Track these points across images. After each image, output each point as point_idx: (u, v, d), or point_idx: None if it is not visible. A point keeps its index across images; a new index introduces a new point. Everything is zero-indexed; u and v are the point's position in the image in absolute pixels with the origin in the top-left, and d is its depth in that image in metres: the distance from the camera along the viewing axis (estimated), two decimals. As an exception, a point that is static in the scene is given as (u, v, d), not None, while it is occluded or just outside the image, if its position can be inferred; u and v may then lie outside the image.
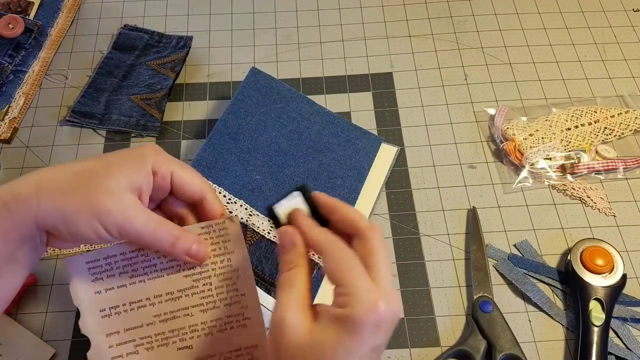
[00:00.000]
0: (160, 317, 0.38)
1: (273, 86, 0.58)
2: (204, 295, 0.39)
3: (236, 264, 0.39)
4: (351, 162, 0.55)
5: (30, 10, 0.68)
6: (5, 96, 0.62)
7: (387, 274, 0.33)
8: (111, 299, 0.38)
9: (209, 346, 0.39)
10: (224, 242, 0.39)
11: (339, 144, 0.56)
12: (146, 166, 0.37)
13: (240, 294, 0.39)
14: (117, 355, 0.38)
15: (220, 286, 0.39)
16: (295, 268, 0.34)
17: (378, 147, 0.57)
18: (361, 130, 0.57)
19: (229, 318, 0.39)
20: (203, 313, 0.39)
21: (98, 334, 0.38)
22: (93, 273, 0.38)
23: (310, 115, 0.57)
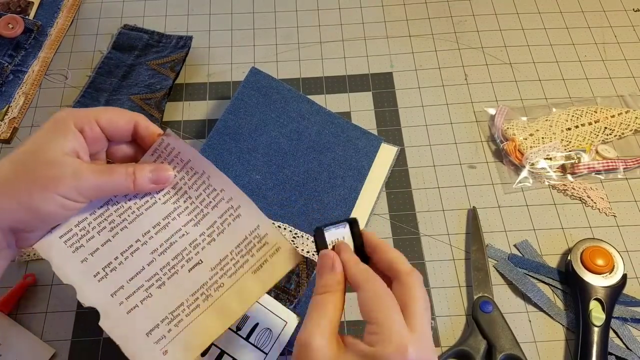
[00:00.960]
0: (157, 251, 0.38)
1: (273, 86, 0.58)
2: (190, 209, 0.38)
3: (199, 168, 0.38)
4: (351, 162, 0.55)
5: (30, 10, 0.68)
6: (5, 96, 0.62)
7: (424, 322, 0.32)
8: (101, 260, 0.37)
9: (217, 252, 0.38)
10: (176, 155, 0.38)
11: (339, 143, 0.56)
12: (69, 127, 0.36)
13: (219, 190, 0.38)
14: (131, 307, 0.37)
15: (199, 194, 0.38)
16: (330, 293, 0.34)
17: (378, 147, 0.57)
18: (361, 130, 0.57)
19: (222, 217, 0.38)
20: (196, 226, 0.38)
21: (102, 299, 0.37)
22: (71, 244, 0.37)
23: (310, 115, 0.57)
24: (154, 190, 0.38)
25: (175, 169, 0.39)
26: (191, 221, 0.39)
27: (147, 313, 0.37)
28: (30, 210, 0.34)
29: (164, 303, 0.37)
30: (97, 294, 0.37)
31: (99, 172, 0.36)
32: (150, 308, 0.37)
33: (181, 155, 0.38)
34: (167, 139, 0.38)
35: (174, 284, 0.38)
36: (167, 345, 0.37)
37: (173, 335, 0.37)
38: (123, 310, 0.37)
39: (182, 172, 0.39)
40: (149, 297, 0.37)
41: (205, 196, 0.39)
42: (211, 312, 0.37)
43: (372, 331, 0.32)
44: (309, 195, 0.53)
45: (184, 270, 0.38)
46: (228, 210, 0.39)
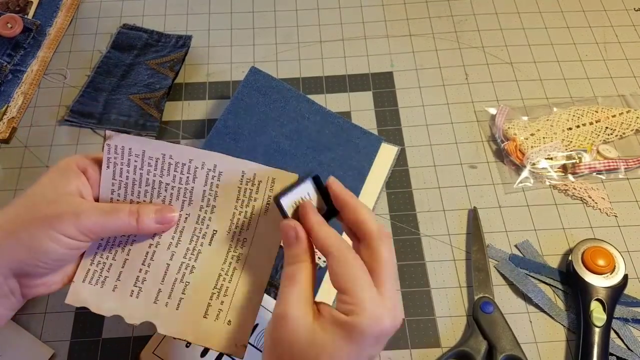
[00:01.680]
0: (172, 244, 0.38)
1: (273, 86, 0.58)
2: (175, 194, 0.38)
3: (158, 153, 0.37)
4: (351, 162, 0.55)
5: (29, 10, 0.68)
6: (3, 96, 0.62)
7: (392, 285, 0.33)
8: (129, 279, 0.38)
9: (223, 215, 0.38)
10: (130, 154, 0.38)
11: (339, 143, 0.56)
12: (72, 168, 0.36)
13: (187, 162, 0.37)
14: (176, 303, 0.37)
15: (174, 176, 0.38)
16: (299, 263, 0.34)
17: (378, 147, 0.57)
18: (361, 129, 0.57)
19: (207, 183, 0.38)
20: (191, 204, 0.38)
21: (147, 310, 0.37)
22: (96, 282, 0.38)
23: (310, 114, 0.57)
24: (159, 231, 0.38)
25: (135, 166, 0.37)
26: (184, 202, 0.38)
27: (193, 300, 0.37)
28: (31, 249, 0.34)
29: (204, 283, 0.37)
30: (141, 309, 0.37)
31: (102, 211, 0.36)
32: (193, 294, 0.37)
33: (134, 150, 0.37)
34: (113, 141, 0.37)
35: (203, 263, 0.38)
36: (227, 316, 0.37)
37: (227, 305, 0.37)
38: (172, 309, 0.37)
39: (145, 166, 0.38)
40: (188, 285, 0.37)
41: (179, 175, 0.38)
42: (247, 269, 0.38)
43: (345, 301, 0.32)
44: None
45: (205, 246, 0.38)
46: (208, 174, 0.38)
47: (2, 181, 0.58)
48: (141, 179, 0.38)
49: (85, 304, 0.37)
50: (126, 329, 0.50)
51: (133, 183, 0.38)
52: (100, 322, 0.50)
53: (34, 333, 0.49)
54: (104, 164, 0.37)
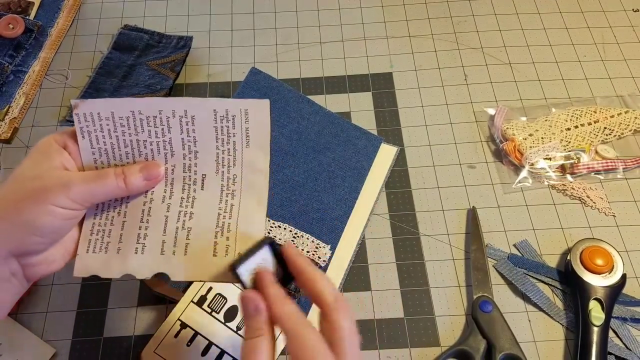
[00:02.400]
0: (166, 197, 0.38)
1: (273, 86, 0.58)
2: (155, 148, 0.38)
3: (126, 111, 0.37)
4: (351, 162, 0.55)
5: (30, 11, 0.68)
6: (5, 96, 0.62)
7: (354, 355, 0.32)
8: (130, 238, 0.38)
9: (207, 158, 0.38)
10: (100, 118, 0.38)
11: (339, 144, 0.56)
12: (52, 146, 0.37)
13: (157, 114, 0.37)
14: (183, 249, 0.37)
15: (148, 132, 0.37)
16: (260, 337, 0.33)
17: (378, 147, 0.57)
18: (361, 130, 0.57)
19: (182, 131, 0.38)
20: (173, 155, 0.38)
21: (157, 263, 0.37)
22: (100, 249, 0.37)
23: (310, 115, 0.57)
24: (148, 187, 0.38)
25: (108, 130, 0.37)
26: (166, 154, 0.38)
27: (199, 243, 0.37)
28: (26, 226, 0.34)
29: (206, 225, 0.38)
30: (150, 263, 0.37)
31: (89, 178, 0.36)
32: (198, 237, 0.37)
33: (103, 114, 0.37)
34: (80, 109, 0.37)
35: (200, 207, 0.38)
36: (236, 249, 0.37)
37: (233, 239, 0.37)
38: (180, 256, 0.37)
39: (118, 127, 0.37)
40: (190, 231, 0.37)
41: (154, 129, 0.37)
42: (244, 200, 0.38)
43: None
44: (309, 195, 0.53)
45: (199, 192, 0.38)
46: (182, 121, 0.37)
47: (4, 181, 0.58)
48: (118, 142, 0.37)
49: (93, 273, 0.37)
50: (127, 328, 0.50)
51: (112, 147, 0.37)
52: (101, 321, 0.50)
53: (36, 332, 0.49)
54: (78, 134, 0.37)
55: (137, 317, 0.50)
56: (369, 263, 0.53)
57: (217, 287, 0.46)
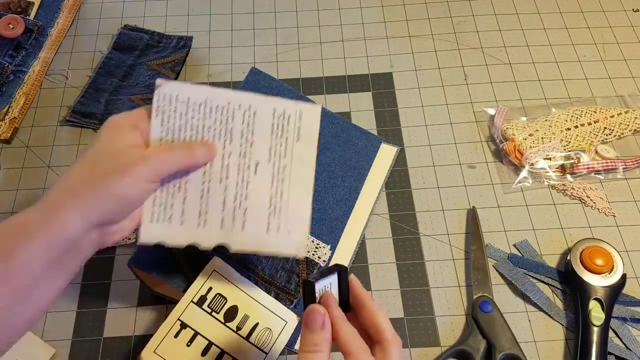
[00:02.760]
0: (223, 179, 0.42)
1: (273, 86, 0.58)
2: (217, 134, 0.42)
3: (201, 97, 0.42)
4: (351, 162, 0.55)
5: (30, 11, 0.68)
6: (5, 96, 0.62)
7: None
8: (192, 213, 0.42)
9: (262, 148, 0.42)
10: (177, 100, 0.42)
11: (339, 144, 0.56)
12: (124, 125, 0.39)
13: (226, 104, 0.42)
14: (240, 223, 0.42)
15: (215, 119, 0.42)
16: (319, 352, 0.34)
17: (378, 147, 0.57)
18: (361, 130, 0.57)
19: (244, 122, 0.42)
20: (231, 142, 0.42)
21: (218, 235, 0.42)
22: (164, 219, 0.41)
23: None
24: (209, 158, 0.41)
25: (180, 112, 0.41)
26: (225, 141, 0.42)
27: (254, 220, 0.42)
28: (114, 198, 0.37)
29: (259, 206, 0.42)
30: (211, 235, 0.41)
31: (164, 152, 0.39)
32: (253, 216, 0.42)
33: (180, 97, 0.41)
34: (162, 89, 0.41)
35: (254, 190, 0.42)
36: (287, 227, 0.42)
37: (284, 219, 0.42)
38: (238, 231, 0.42)
39: (189, 111, 0.41)
40: (247, 210, 0.42)
41: (220, 117, 0.42)
42: (293, 187, 0.42)
43: None
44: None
45: (252, 176, 0.42)
46: (245, 114, 0.42)
47: (4, 181, 0.58)
48: (186, 124, 0.41)
49: (158, 240, 0.41)
50: (127, 328, 0.50)
51: (179, 128, 0.41)
52: (101, 321, 0.50)
53: (36, 332, 0.49)
54: (153, 111, 0.41)
55: (137, 317, 0.50)
56: (369, 263, 0.53)
57: (218, 287, 0.46)
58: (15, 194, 0.57)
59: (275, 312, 0.46)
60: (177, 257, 0.48)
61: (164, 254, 0.48)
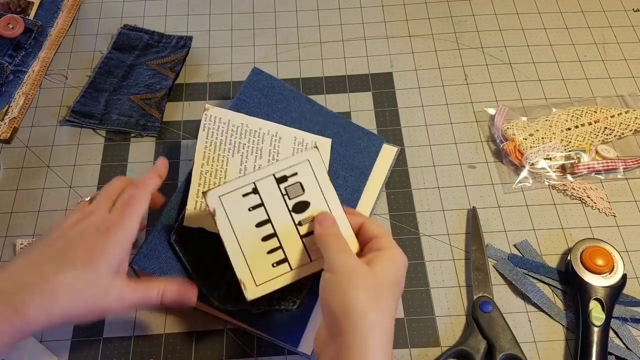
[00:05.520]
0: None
1: (275, 86, 0.58)
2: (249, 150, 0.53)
3: (239, 122, 0.54)
4: (353, 162, 0.55)
5: (30, 10, 0.68)
6: (5, 96, 0.62)
7: None
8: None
9: None
10: (219, 121, 0.53)
11: (341, 143, 0.56)
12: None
13: (258, 129, 0.54)
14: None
15: (249, 139, 0.53)
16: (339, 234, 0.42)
17: (380, 147, 0.57)
18: (363, 130, 0.57)
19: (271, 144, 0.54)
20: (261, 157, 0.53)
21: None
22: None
23: (312, 115, 0.57)
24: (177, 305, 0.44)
25: (222, 130, 0.52)
26: (256, 156, 0.52)
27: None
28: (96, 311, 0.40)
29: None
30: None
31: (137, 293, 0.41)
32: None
33: (223, 119, 0.53)
34: (209, 112, 0.52)
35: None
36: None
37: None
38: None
39: (229, 131, 0.53)
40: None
41: (252, 138, 0.53)
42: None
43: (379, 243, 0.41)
44: None
45: None
46: (272, 138, 0.53)
47: (4, 181, 0.58)
48: (225, 140, 0.52)
49: (200, 225, 0.48)
50: (127, 328, 0.50)
51: (220, 142, 0.52)
52: (101, 322, 0.50)
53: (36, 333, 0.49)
54: (201, 127, 0.52)
55: (137, 317, 0.50)
56: (369, 263, 0.53)
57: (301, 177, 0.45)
58: (15, 194, 0.57)
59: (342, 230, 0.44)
60: (184, 263, 0.48)
61: (169, 256, 0.48)
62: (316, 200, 0.44)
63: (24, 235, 0.54)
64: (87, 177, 0.58)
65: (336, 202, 0.44)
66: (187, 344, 0.49)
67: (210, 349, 0.49)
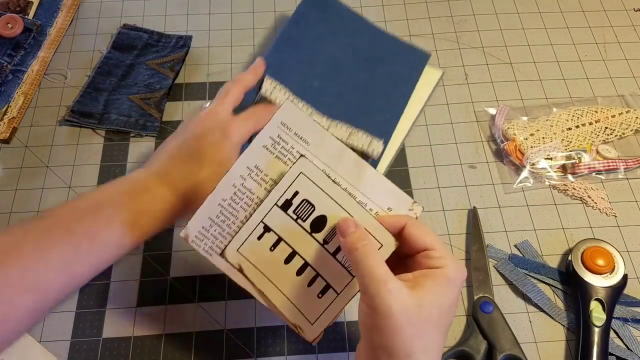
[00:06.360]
0: None
1: (329, 2, 0.62)
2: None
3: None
4: (401, 74, 0.60)
5: (29, 10, 0.68)
6: (4, 96, 0.62)
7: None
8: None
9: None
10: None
11: (389, 57, 0.60)
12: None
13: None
14: None
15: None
16: (369, 243, 0.37)
17: (425, 62, 0.61)
18: (409, 45, 0.62)
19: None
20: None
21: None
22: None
23: (363, 31, 0.62)
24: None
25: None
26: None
27: None
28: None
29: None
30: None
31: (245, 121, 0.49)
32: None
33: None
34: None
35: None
36: None
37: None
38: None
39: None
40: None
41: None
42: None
43: (432, 256, 0.36)
44: (362, 100, 0.58)
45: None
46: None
47: (3, 181, 0.58)
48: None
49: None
50: (127, 329, 0.50)
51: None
52: (100, 322, 0.50)
53: (35, 333, 0.49)
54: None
55: (137, 318, 0.50)
56: (369, 263, 0.53)
57: (305, 193, 0.41)
58: (14, 193, 0.57)
59: (369, 229, 0.39)
60: None
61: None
62: (330, 210, 0.40)
63: (23, 235, 0.54)
64: (86, 177, 0.58)
65: (350, 201, 0.40)
66: (187, 344, 0.49)
67: (211, 349, 0.49)
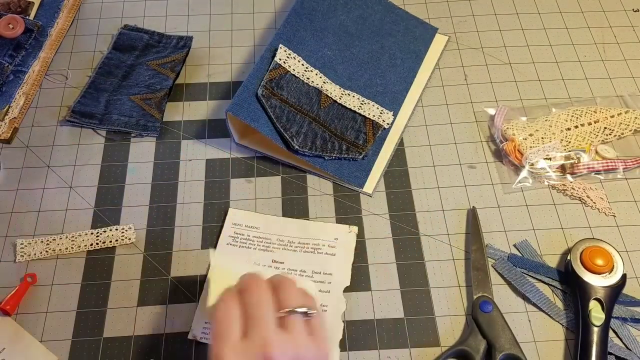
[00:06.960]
0: None
1: None
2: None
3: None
4: (410, 47, 0.63)
5: (30, 11, 0.68)
6: (5, 96, 0.62)
7: None
8: None
9: None
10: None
11: (399, 30, 0.64)
12: None
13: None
14: None
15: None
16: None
17: (433, 35, 0.65)
18: (418, 19, 0.65)
19: None
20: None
21: None
22: None
23: (374, 4, 0.65)
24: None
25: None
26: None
27: None
28: None
29: None
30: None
31: None
32: None
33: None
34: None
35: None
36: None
37: None
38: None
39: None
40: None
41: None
42: None
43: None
44: (372, 71, 0.61)
45: None
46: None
47: (4, 181, 0.58)
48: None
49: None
50: (127, 328, 0.50)
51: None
52: (101, 322, 0.50)
53: (36, 333, 0.49)
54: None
55: (137, 317, 0.50)
56: (369, 263, 0.53)
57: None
58: (15, 194, 0.57)
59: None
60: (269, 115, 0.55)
61: (257, 107, 0.55)
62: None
63: (24, 235, 0.55)
64: (87, 177, 0.58)
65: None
66: (187, 344, 0.49)
67: (210, 349, 0.49)
